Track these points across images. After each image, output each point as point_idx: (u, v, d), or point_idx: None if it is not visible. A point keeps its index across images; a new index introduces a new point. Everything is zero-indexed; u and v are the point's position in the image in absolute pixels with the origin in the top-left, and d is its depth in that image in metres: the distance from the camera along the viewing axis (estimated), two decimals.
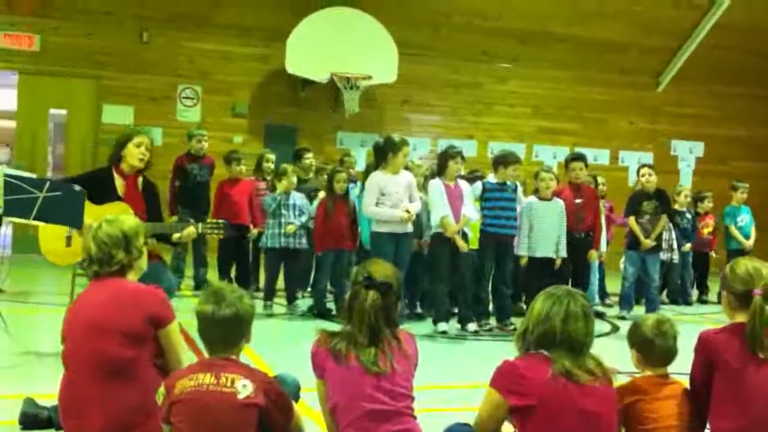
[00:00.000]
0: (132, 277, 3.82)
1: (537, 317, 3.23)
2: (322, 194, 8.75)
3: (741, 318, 3.46)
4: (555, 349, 3.16)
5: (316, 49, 12.74)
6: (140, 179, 6.10)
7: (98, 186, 5.83)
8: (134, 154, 5.96)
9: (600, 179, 10.25)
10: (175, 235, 5.85)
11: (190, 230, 5.85)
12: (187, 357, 3.76)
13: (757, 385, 3.34)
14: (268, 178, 9.64)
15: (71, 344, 3.64)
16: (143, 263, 3.93)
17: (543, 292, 3.33)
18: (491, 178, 8.18)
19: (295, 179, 8.57)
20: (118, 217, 3.90)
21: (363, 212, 7.98)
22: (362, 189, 8.47)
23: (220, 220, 6.24)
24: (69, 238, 5.79)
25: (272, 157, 9.91)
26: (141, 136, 6.04)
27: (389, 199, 7.60)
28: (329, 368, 3.31)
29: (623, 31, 15.04)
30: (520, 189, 8.37)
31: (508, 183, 8.10)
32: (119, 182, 5.98)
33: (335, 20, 13.08)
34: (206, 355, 3.34)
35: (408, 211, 7.56)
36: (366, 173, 8.64)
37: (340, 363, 3.28)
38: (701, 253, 11.00)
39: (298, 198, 8.50)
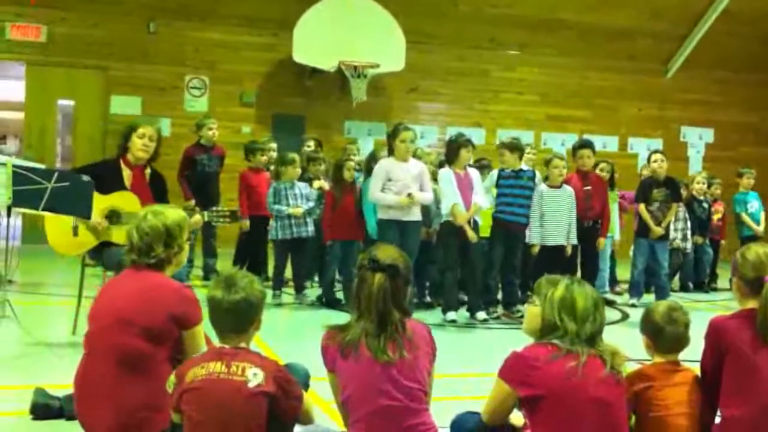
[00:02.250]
0: (170, 271, 3.82)
1: (583, 315, 3.19)
2: (317, 183, 8.76)
3: (752, 304, 3.44)
4: (566, 340, 3.15)
5: (323, 38, 12.72)
6: (148, 170, 6.08)
7: (106, 176, 5.83)
8: (137, 145, 5.97)
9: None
10: None
11: (196, 218, 5.79)
12: None
13: (765, 371, 3.33)
14: (271, 167, 9.63)
15: (95, 329, 3.65)
16: (184, 258, 3.93)
17: (559, 285, 3.24)
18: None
19: (299, 170, 8.56)
20: (164, 209, 3.90)
21: (368, 198, 7.95)
22: (365, 177, 8.43)
23: (227, 209, 6.14)
24: (75, 228, 5.79)
25: (274, 146, 9.89)
26: (144, 126, 6.02)
27: (395, 185, 7.56)
28: (339, 363, 3.27)
29: (631, 17, 14.99)
30: (538, 176, 8.34)
31: (525, 170, 8.08)
32: (126, 173, 5.99)
33: (342, 8, 13.06)
34: (217, 343, 3.34)
35: (410, 195, 7.49)
36: (368, 162, 8.61)
37: (351, 357, 3.23)
38: (711, 240, 10.96)
39: (302, 187, 8.48)
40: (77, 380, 3.66)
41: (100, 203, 5.73)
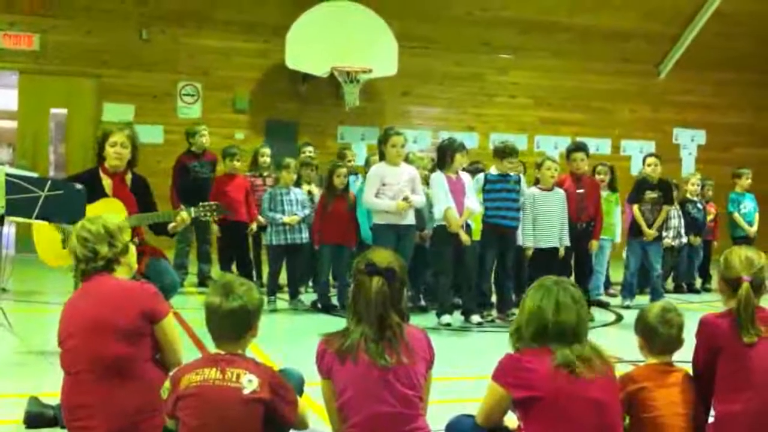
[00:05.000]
0: (121, 274, 3.81)
1: (529, 312, 3.23)
2: (305, 187, 8.79)
3: (734, 304, 3.50)
4: (551, 341, 3.16)
5: (315, 44, 12.73)
6: (129, 176, 6.04)
7: (86, 186, 5.77)
8: (109, 154, 5.92)
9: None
10: (170, 225, 5.79)
11: (182, 216, 5.77)
12: (183, 349, 3.77)
13: (759, 367, 3.37)
14: (264, 173, 9.64)
15: (69, 348, 3.63)
16: (132, 260, 3.92)
17: (532, 286, 3.33)
18: (493, 169, 8.17)
19: (295, 175, 8.57)
20: (99, 215, 3.93)
21: (362, 202, 7.96)
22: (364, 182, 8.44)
23: (213, 202, 6.09)
24: (64, 240, 5.76)
25: (267, 151, 9.90)
26: (115, 134, 5.94)
27: (390, 190, 7.58)
28: (336, 369, 3.27)
29: (624, 19, 15.01)
30: (523, 180, 8.35)
31: (511, 174, 8.08)
32: (106, 181, 5.93)
33: (334, 14, 13.07)
34: (211, 350, 3.34)
35: (406, 199, 7.51)
36: (367, 166, 8.64)
37: (348, 361, 3.23)
38: (704, 241, 10.99)
39: (299, 193, 8.50)
40: (65, 400, 3.64)
41: (87, 212, 5.70)
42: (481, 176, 8.15)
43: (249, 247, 9.52)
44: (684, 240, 10.39)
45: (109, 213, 5.64)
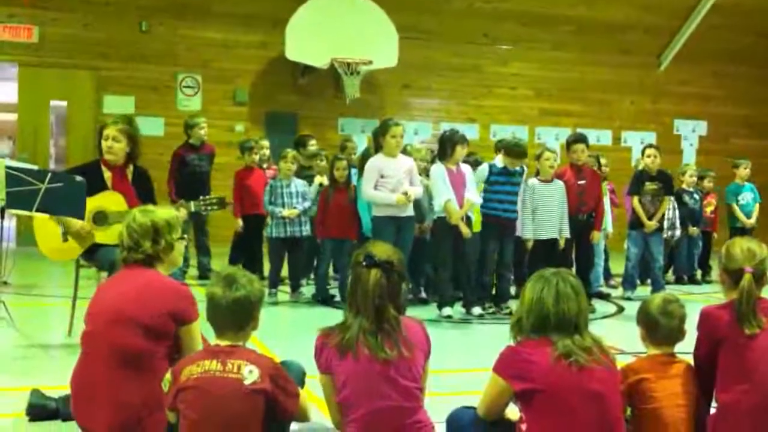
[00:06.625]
0: (163, 270, 3.80)
1: (529, 303, 3.23)
2: (318, 179, 8.75)
3: (735, 295, 3.48)
4: (552, 332, 3.16)
5: (315, 35, 12.71)
6: (130, 169, 6.03)
7: (87, 178, 5.75)
8: (103, 147, 5.93)
9: (602, 161, 10.22)
10: None
11: (180, 212, 5.72)
12: None
13: (761, 358, 3.37)
14: (264, 165, 9.61)
15: (93, 328, 3.63)
16: (176, 258, 3.91)
17: (532, 277, 3.32)
18: (498, 161, 8.11)
19: (294, 166, 8.52)
20: (155, 208, 3.92)
21: (361, 196, 7.95)
22: (359, 175, 8.42)
23: (214, 196, 6.04)
24: (65, 234, 5.76)
25: (266, 143, 9.87)
26: (108, 127, 5.93)
27: (389, 182, 7.56)
28: (335, 364, 3.26)
29: (624, 11, 15.02)
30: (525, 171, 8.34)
31: (516, 168, 8.05)
32: (107, 174, 5.93)
33: (334, 5, 13.05)
34: (213, 342, 3.34)
35: (406, 193, 7.50)
36: (362, 159, 8.61)
37: (349, 356, 3.22)
38: (704, 232, 10.97)
39: (299, 185, 8.47)
40: (74, 380, 3.65)
41: (87, 205, 5.71)
42: (485, 167, 8.09)
43: (262, 241, 9.48)
44: (678, 232, 10.36)
45: (113, 204, 5.70)
